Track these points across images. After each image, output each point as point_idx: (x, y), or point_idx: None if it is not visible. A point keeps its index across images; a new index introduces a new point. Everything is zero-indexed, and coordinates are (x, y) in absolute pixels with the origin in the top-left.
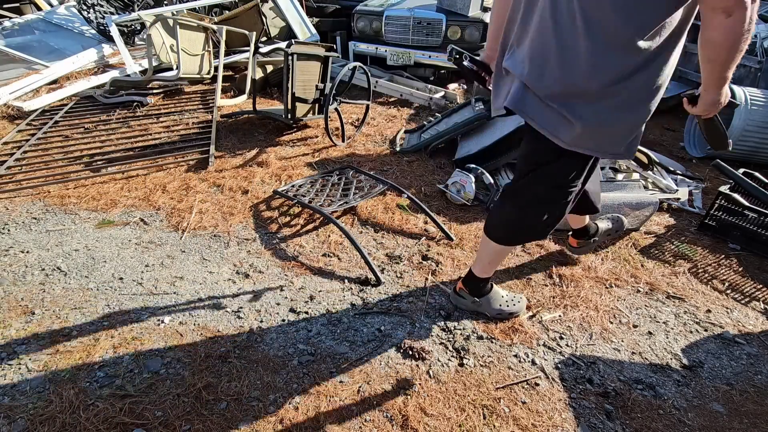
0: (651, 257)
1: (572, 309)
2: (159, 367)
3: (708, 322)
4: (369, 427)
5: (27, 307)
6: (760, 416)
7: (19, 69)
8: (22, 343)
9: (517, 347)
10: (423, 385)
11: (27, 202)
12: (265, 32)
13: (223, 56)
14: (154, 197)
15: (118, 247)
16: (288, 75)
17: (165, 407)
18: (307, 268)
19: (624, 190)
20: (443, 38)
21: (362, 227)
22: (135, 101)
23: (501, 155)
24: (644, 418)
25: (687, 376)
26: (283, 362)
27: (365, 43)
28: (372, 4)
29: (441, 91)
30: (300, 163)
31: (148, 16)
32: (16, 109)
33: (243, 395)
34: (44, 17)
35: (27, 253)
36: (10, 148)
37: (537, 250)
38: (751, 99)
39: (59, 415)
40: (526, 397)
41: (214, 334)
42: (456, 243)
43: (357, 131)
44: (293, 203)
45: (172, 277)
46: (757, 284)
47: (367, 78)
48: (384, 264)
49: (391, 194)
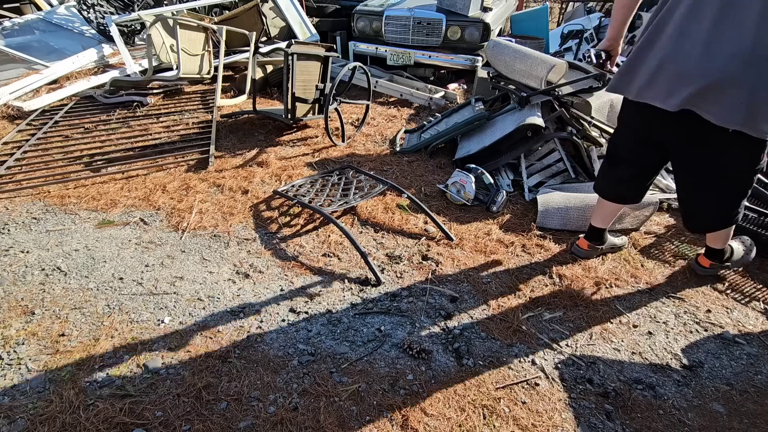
0: (651, 257)
1: (572, 309)
2: (159, 367)
3: (708, 322)
4: (369, 427)
5: (27, 307)
6: (760, 416)
7: (19, 69)
8: (22, 343)
9: (517, 347)
10: (423, 385)
11: (27, 202)
12: (265, 32)
13: (223, 56)
14: (154, 197)
15: (118, 247)
16: (288, 75)
17: (165, 407)
18: (307, 268)
19: None
20: (443, 38)
21: (362, 227)
22: (135, 101)
23: (501, 155)
24: (644, 418)
25: (687, 376)
26: (283, 362)
27: (365, 43)
28: (372, 4)
29: (441, 91)
30: (300, 163)
31: (148, 16)
32: (16, 109)
33: (243, 395)
34: (44, 17)
35: (27, 253)
36: (10, 148)
37: (537, 250)
38: None
39: (59, 415)
40: (526, 397)
41: (214, 334)
42: (456, 243)
43: (357, 131)
44: (293, 203)
45: (172, 277)
46: (757, 284)
47: (367, 78)
48: (384, 264)
49: (391, 194)
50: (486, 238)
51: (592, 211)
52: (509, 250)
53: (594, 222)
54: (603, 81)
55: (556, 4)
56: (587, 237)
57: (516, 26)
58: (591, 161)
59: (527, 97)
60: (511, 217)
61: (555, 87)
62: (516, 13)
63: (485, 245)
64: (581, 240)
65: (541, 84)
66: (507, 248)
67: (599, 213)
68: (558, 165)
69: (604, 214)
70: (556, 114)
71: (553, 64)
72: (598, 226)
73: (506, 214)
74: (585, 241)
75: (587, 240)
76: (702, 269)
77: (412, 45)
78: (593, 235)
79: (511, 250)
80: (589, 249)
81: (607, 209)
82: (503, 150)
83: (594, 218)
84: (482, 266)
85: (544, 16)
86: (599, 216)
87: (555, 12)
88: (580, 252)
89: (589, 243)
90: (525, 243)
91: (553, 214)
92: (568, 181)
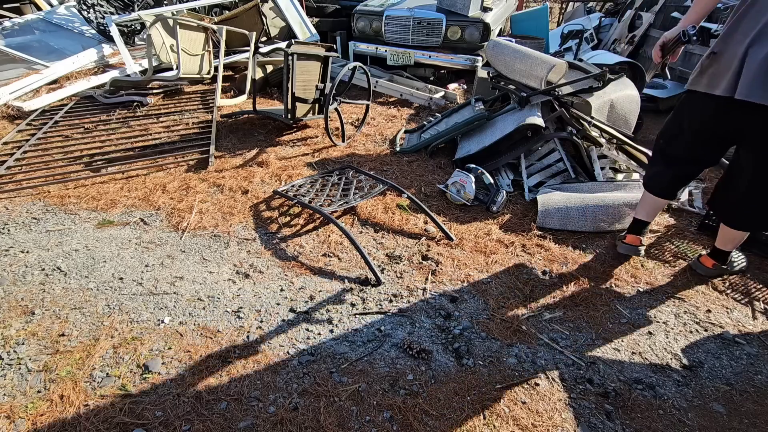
0: (651, 257)
1: (572, 309)
2: (159, 367)
3: (708, 322)
4: (369, 427)
5: (27, 307)
6: (760, 416)
7: (19, 69)
8: (22, 343)
9: (517, 347)
10: (423, 385)
11: (27, 202)
12: (265, 32)
13: (223, 56)
14: (154, 197)
15: (118, 247)
16: (288, 75)
17: (165, 407)
18: (307, 268)
19: (624, 190)
20: (443, 38)
21: (362, 227)
22: (135, 101)
23: (501, 155)
24: (644, 418)
25: (687, 376)
26: (283, 362)
27: (365, 43)
28: (372, 4)
29: (441, 91)
30: (300, 163)
31: (148, 16)
32: (16, 109)
33: (243, 395)
34: (44, 17)
35: (27, 253)
36: (10, 148)
37: (537, 250)
38: None
39: (59, 415)
40: (526, 397)
41: (214, 334)
42: (456, 243)
43: (357, 131)
44: (293, 203)
45: (172, 277)
46: (757, 284)
47: (367, 78)
48: (384, 264)
49: (391, 194)
50: (486, 238)
51: (592, 211)
52: (509, 250)
53: (638, 215)
54: (603, 81)
55: (556, 4)
56: (631, 230)
57: (516, 26)
58: (591, 161)
59: (527, 97)
60: (511, 217)
61: (555, 87)
62: (516, 13)
63: (485, 245)
64: (706, 258)
65: (541, 84)
66: (507, 248)
67: (646, 206)
68: (558, 165)
69: (654, 207)
70: (556, 114)
71: (553, 64)
72: (643, 219)
73: (506, 214)
74: (635, 237)
75: (632, 233)
76: (704, 269)
77: (412, 45)
78: (637, 227)
79: (511, 250)
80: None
81: (658, 204)
82: (503, 150)
83: (639, 212)
84: (482, 266)
85: (544, 16)
86: (645, 210)
87: (555, 12)
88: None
89: (641, 239)
90: (525, 243)
91: (553, 214)
92: (568, 181)
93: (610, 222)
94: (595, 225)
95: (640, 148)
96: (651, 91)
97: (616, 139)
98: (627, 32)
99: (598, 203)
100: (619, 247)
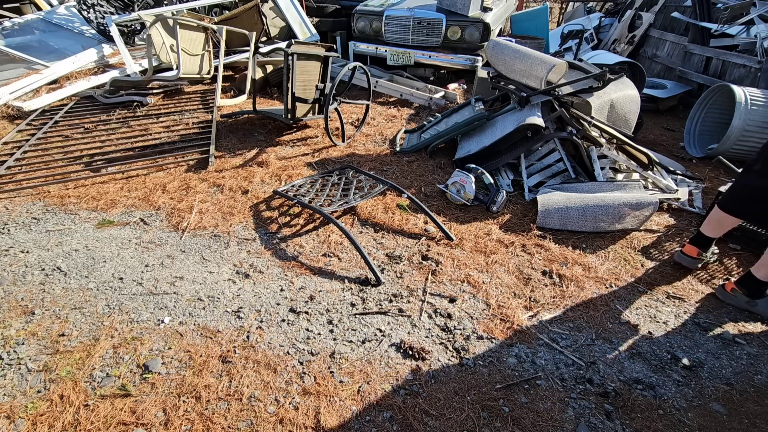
0: (651, 257)
1: (572, 309)
2: (159, 367)
3: (708, 322)
4: (369, 427)
5: (27, 307)
6: (760, 416)
7: (19, 69)
8: (22, 343)
9: (517, 347)
10: (423, 385)
11: (27, 202)
12: (265, 32)
13: (223, 56)
14: (154, 197)
15: (118, 247)
16: (288, 75)
17: (165, 407)
18: (307, 268)
19: (624, 190)
20: (443, 38)
21: (362, 227)
22: (135, 101)
23: (501, 155)
24: (644, 418)
25: (687, 376)
26: (283, 362)
27: (365, 43)
28: (372, 4)
29: (441, 91)
30: (300, 163)
31: (148, 16)
32: (16, 109)
33: (243, 395)
34: (44, 17)
35: (27, 253)
36: (10, 148)
37: (537, 250)
38: (751, 99)
39: (59, 415)
40: (526, 397)
41: (214, 334)
42: (456, 243)
43: (357, 131)
44: (293, 203)
45: (172, 277)
46: None
47: (367, 78)
48: (384, 264)
49: (391, 194)
50: (486, 238)
51: (592, 211)
52: (509, 250)
53: (705, 230)
54: (603, 81)
55: (556, 4)
56: (695, 242)
57: (516, 26)
58: (591, 161)
59: (527, 97)
60: (511, 217)
61: (555, 87)
62: (516, 13)
63: (485, 245)
64: (688, 247)
65: (541, 84)
66: (507, 248)
67: (716, 225)
68: (558, 165)
69: (722, 226)
70: (556, 114)
71: (553, 64)
72: (710, 235)
73: (506, 214)
74: (693, 248)
75: (694, 245)
76: (726, 295)
77: (412, 45)
78: (702, 242)
79: (511, 250)
80: (698, 257)
81: (729, 223)
82: (503, 150)
83: (706, 228)
84: (482, 266)
85: (544, 16)
86: (715, 228)
87: (555, 12)
88: (684, 259)
89: (699, 250)
90: (525, 243)
91: (553, 214)
92: (568, 181)
93: (610, 222)
94: (595, 225)
95: (640, 148)
96: (651, 91)
97: (616, 139)
98: (627, 32)
99: (598, 203)
100: (675, 256)
